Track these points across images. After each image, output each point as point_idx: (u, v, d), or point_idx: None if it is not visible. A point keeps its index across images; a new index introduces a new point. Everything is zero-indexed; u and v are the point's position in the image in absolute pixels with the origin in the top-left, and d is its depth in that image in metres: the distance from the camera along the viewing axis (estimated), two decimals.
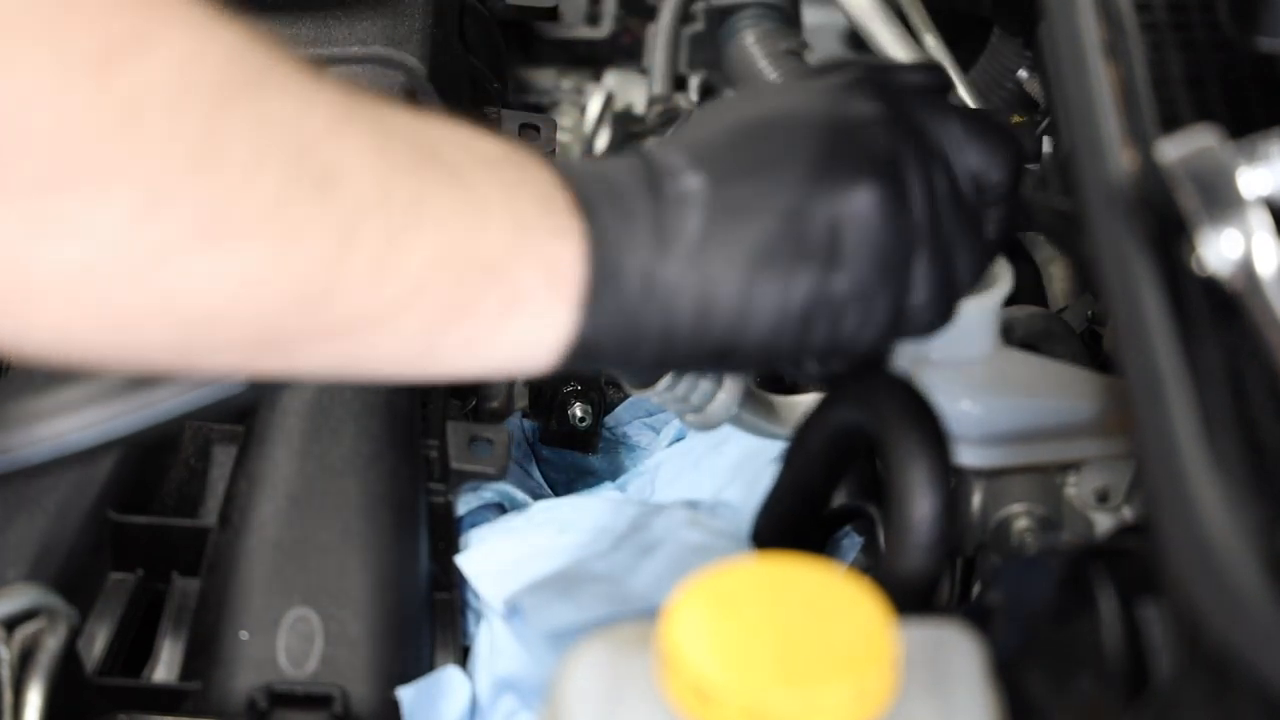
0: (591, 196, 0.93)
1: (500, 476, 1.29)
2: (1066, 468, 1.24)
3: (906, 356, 1.22)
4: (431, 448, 1.29)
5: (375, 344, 0.86)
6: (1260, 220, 0.97)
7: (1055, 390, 1.25)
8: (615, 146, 1.93)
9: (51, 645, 1.04)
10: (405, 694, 1.14)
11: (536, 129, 1.51)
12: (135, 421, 0.98)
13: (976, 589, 1.25)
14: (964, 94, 1.75)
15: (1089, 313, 1.53)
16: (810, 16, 1.96)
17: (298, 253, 0.81)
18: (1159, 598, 1.02)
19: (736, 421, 1.25)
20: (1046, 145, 1.56)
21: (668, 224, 0.94)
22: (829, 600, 0.92)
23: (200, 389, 0.98)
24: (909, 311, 1.02)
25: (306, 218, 0.81)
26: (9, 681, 1.02)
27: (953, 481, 1.18)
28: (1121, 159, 1.04)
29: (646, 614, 1.02)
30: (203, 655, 1.15)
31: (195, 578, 1.21)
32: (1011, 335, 1.41)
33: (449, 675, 1.18)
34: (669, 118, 1.89)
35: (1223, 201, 0.97)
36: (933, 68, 1.10)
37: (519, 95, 1.97)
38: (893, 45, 1.77)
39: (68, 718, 1.07)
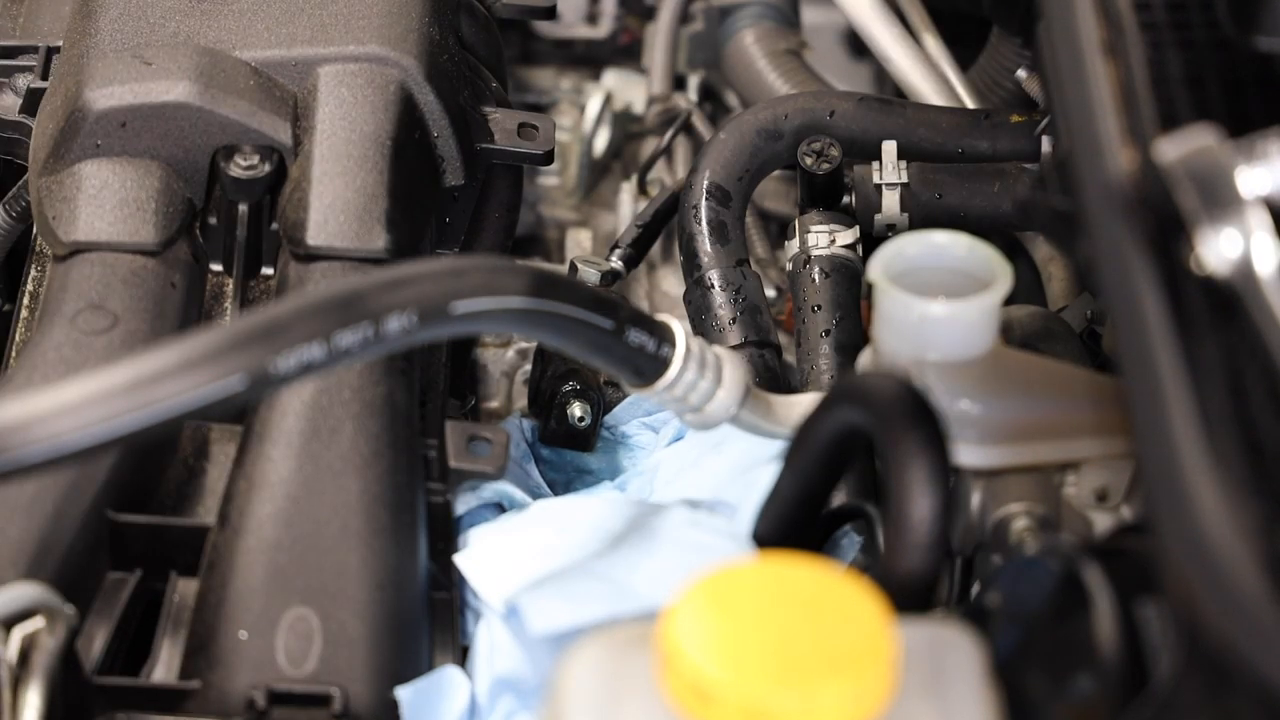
0: None
1: (499, 476, 1.28)
2: (1065, 467, 1.24)
3: (906, 356, 1.22)
4: (430, 447, 1.29)
5: None
6: (1259, 220, 0.97)
7: (1054, 390, 1.25)
8: (614, 146, 1.93)
9: (50, 645, 1.03)
10: (404, 694, 1.14)
11: (535, 128, 1.51)
12: (135, 421, 0.98)
13: (975, 589, 1.25)
14: (962, 94, 1.75)
15: (1089, 313, 1.53)
16: (810, 16, 1.96)
17: None
18: (1158, 598, 1.02)
19: (736, 421, 1.25)
20: (1046, 145, 1.56)
21: None
22: (829, 600, 0.92)
23: (200, 389, 0.98)
24: None
25: None
26: (8, 681, 1.02)
27: (952, 481, 1.18)
28: (1121, 159, 1.04)
29: (646, 614, 1.02)
30: (201, 655, 1.15)
31: (194, 577, 1.21)
32: (1011, 335, 1.41)
33: (448, 675, 1.18)
34: (668, 118, 1.89)
35: (1222, 201, 0.97)
36: None
37: (517, 94, 1.97)
38: (892, 45, 1.77)
39: (67, 717, 1.07)
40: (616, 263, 1.63)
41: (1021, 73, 1.69)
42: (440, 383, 1.39)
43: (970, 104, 1.74)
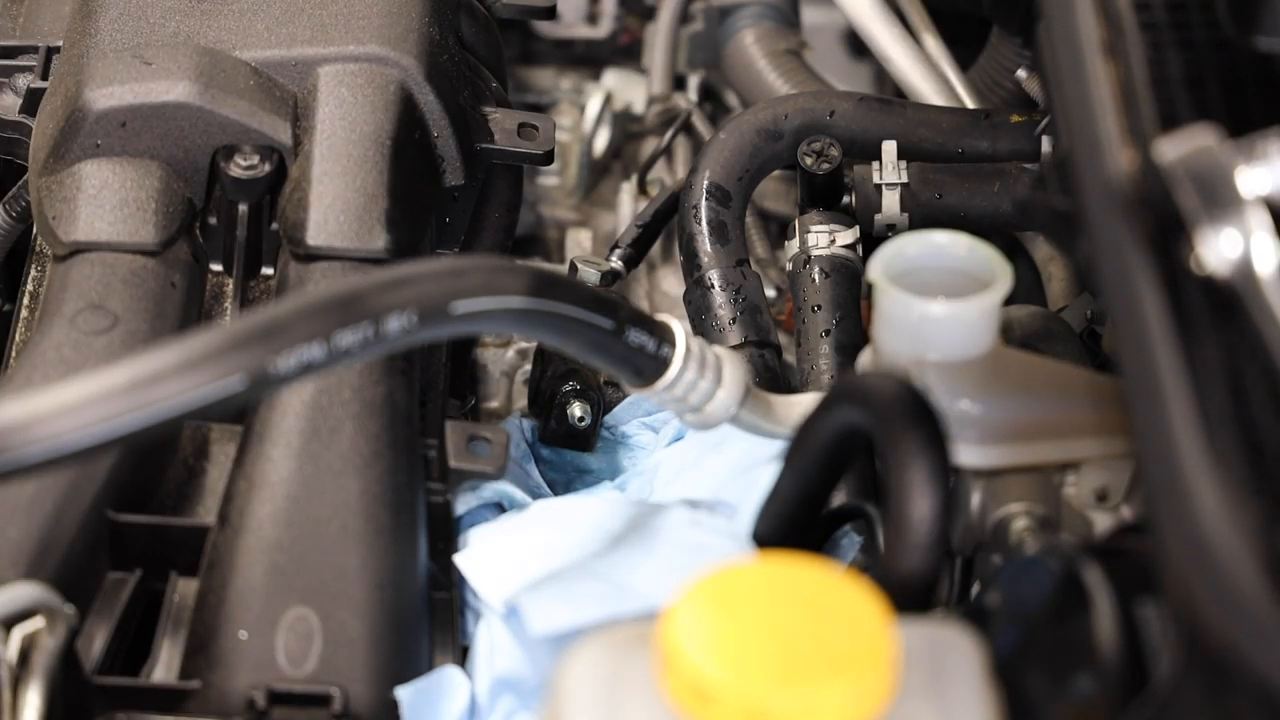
0: None
1: (499, 476, 1.28)
2: (1065, 467, 1.24)
3: (906, 356, 1.22)
4: (430, 447, 1.29)
5: None
6: (1259, 220, 0.97)
7: (1054, 390, 1.25)
8: (614, 146, 1.93)
9: (50, 645, 1.03)
10: (404, 693, 1.14)
11: (535, 128, 1.51)
12: (135, 422, 0.98)
13: (975, 589, 1.25)
14: (962, 94, 1.75)
15: (1089, 313, 1.53)
16: (810, 16, 1.96)
17: None
18: (1158, 598, 1.02)
19: (736, 421, 1.25)
20: (1046, 145, 1.56)
21: None
22: (829, 600, 0.92)
23: (200, 389, 0.98)
24: None
25: None
26: (8, 681, 1.02)
27: (952, 481, 1.18)
28: (1121, 159, 1.04)
29: (646, 614, 1.02)
30: (202, 655, 1.15)
31: (194, 577, 1.21)
32: (1011, 335, 1.41)
33: (448, 675, 1.18)
34: (668, 118, 1.89)
35: (1222, 201, 0.97)
36: None
37: (517, 94, 1.97)
38: (892, 45, 1.77)
39: (67, 717, 1.07)
40: (616, 263, 1.63)
41: (1021, 73, 1.69)
42: (440, 383, 1.39)
43: (970, 104, 1.74)
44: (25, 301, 1.43)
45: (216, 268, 1.40)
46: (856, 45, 1.96)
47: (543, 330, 1.14)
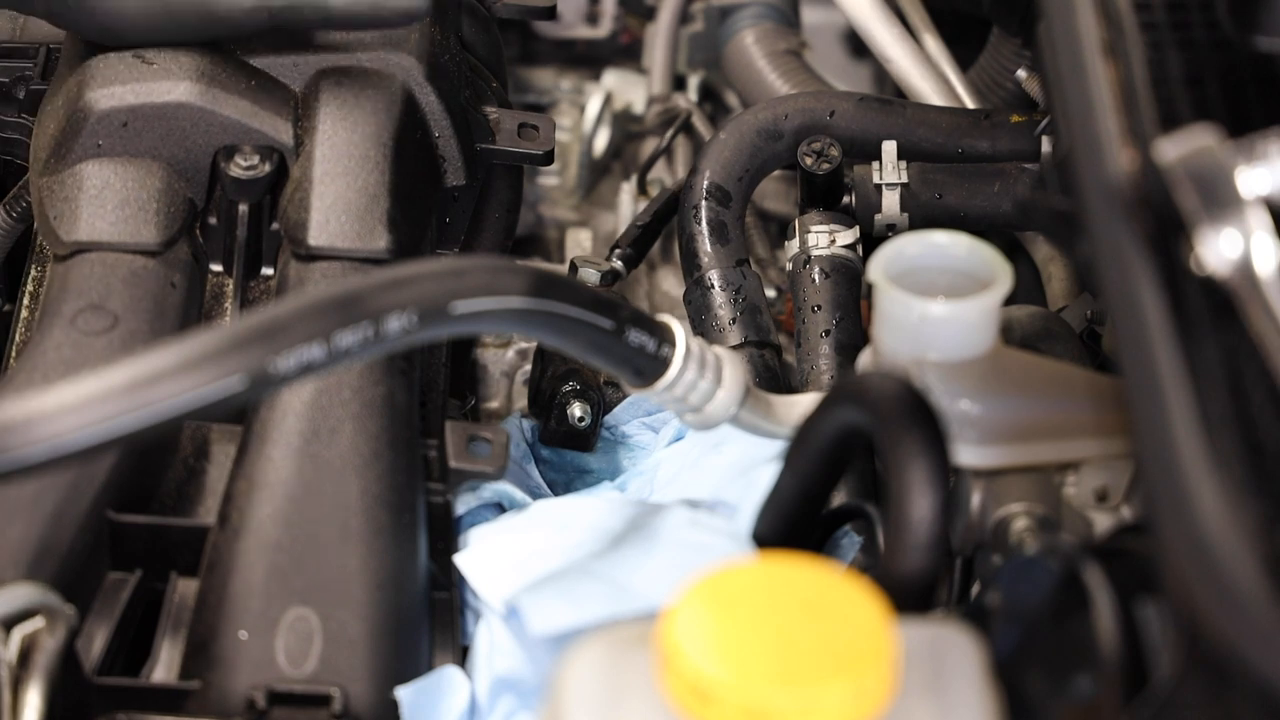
0: None
1: (499, 476, 1.28)
2: (1065, 467, 1.24)
3: (906, 356, 1.22)
4: (430, 447, 1.29)
5: None
6: (1259, 220, 0.97)
7: (1054, 390, 1.25)
8: (614, 146, 1.93)
9: (50, 645, 1.03)
10: (404, 693, 1.14)
11: (535, 128, 1.51)
12: (135, 422, 0.98)
13: (975, 589, 1.25)
14: (962, 94, 1.75)
15: (1089, 313, 1.53)
16: (810, 16, 1.96)
17: None
18: (1158, 598, 1.02)
19: (736, 421, 1.25)
20: (1046, 145, 1.56)
21: None
22: (829, 600, 0.92)
23: (200, 389, 0.98)
24: None
25: None
26: (8, 681, 1.02)
27: (952, 481, 1.18)
28: (1121, 159, 1.04)
29: (646, 614, 1.02)
30: (202, 655, 1.15)
31: (194, 578, 1.21)
32: (1011, 335, 1.41)
33: (448, 675, 1.18)
34: (668, 118, 1.89)
35: (1222, 201, 0.97)
36: None
37: (517, 94, 1.97)
38: (892, 45, 1.77)
39: (66, 717, 1.07)
40: (616, 263, 1.63)
41: (1021, 73, 1.70)
42: (440, 383, 1.39)
43: (970, 104, 1.74)
44: (25, 301, 1.43)
45: (217, 268, 1.40)
46: (856, 45, 1.96)
47: (543, 330, 1.14)
